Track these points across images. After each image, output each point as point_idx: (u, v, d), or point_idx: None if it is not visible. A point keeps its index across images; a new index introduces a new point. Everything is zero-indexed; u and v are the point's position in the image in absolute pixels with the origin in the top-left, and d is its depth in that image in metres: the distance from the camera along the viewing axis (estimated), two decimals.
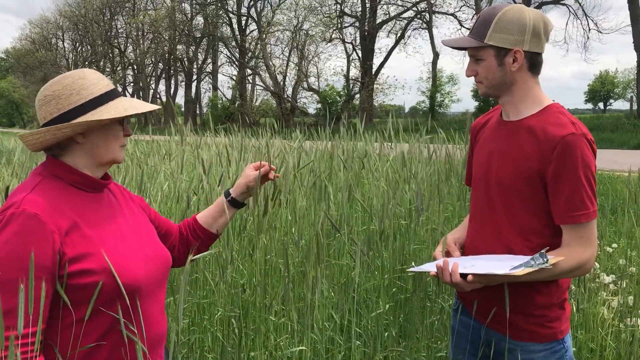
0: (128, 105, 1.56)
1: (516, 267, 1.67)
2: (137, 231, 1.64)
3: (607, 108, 65.44)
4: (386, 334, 2.96)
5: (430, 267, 1.88)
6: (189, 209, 2.67)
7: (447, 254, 2.00)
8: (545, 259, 1.67)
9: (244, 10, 41.31)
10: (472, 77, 1.91)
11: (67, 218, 1.45)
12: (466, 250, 2.03)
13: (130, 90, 59.10)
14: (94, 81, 1.54)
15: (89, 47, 64.22)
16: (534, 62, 1.86)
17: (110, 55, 60.60)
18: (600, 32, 32.02)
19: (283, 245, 2.08)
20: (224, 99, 44.13)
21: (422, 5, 35.73)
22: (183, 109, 46.41)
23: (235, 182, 2.03)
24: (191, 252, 1.85)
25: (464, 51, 1.97)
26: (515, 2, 28.13)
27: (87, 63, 64.65)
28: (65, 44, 70.04)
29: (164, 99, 52.22)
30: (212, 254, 2.48)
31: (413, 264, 1.96)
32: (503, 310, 1.86)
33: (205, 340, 2.71)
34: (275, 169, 2.05)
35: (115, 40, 58.39)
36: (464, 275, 1.75)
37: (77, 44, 67.32)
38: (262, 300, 2.50)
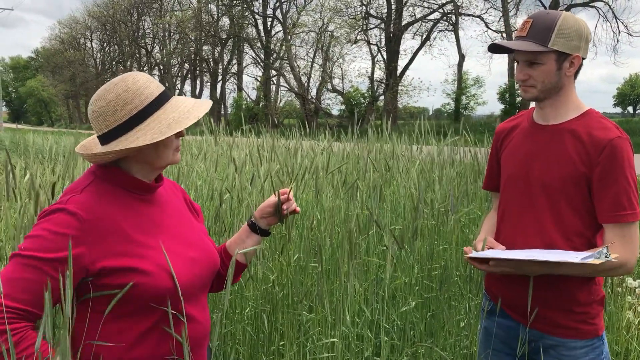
0: (172, 119, 1.54)
1: (585, 257, 1.72)
2: (185, 234, 1.66)
3: (637, 112, 64.42)
4: (412, 332, 3.03)
5: (491, 254, 1.90)
6: (221, 206, 2.76)
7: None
8: (608, 253, 1.72)
9: (269, 11, 41.59)
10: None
11: (111, 220, 1.49)
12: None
13: None
14: (137, 92, 1.52)
15: (116, 47, 65.18)
16: (580, 68, 1.93)
17: (137, 55, 61.42)
18: (631, 35, 31.59)
19: (317, 241, 2.15)
20: (248, 99, 44.41)
21: (449, 7, 35.57)
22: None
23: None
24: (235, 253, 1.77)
25: (498, 54, 2.02)
26: (544, 7, 27.52)
27: (114, 63, 65.64)
28: (93, 43, 71.21)
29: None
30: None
31: (472, 250, 1.97)
32: (545, 309, 1.92)
33: (237, 333, 2.81)
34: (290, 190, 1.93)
35: (142, 41, 59.16)
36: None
37: (105, 44, 68.37)
38: (293, 295, 2.57)
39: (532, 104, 2.07)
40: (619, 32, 32.02)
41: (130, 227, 1.52)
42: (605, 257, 1.70)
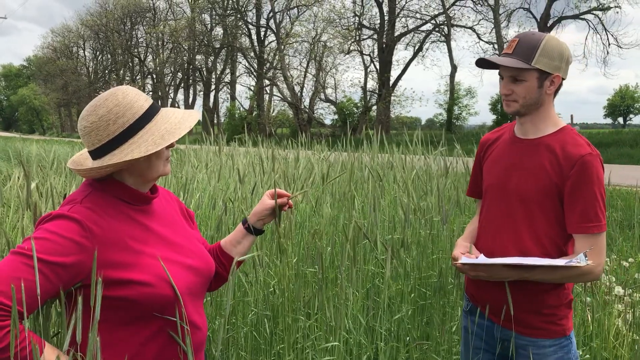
0: (164, 131, 1.57)
1: (568, 262, 1.88)
2: (182, 243, 1.70)
3: (627, 123, 64.89)
4: (407, 338, 3.11)
5: (480, 260, 2.03)
6: (226, 214, 2.84)
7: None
8: (586, 258, 1.87)
9: (263, 21, 41.71)
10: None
11: (112, 231, 1.52)
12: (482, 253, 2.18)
13: None
14: (128, 106, 1.55)
15: (109, 55, 65.07)
16: (559, 87, 2.07)
17: (130, 64, 61.41)
18: (620, 47, 31.87)
19: (317, 249, 2.23)
20: (241, 109, 44.47)
21: (441, 18, 35.86)
22: (201, 119, 46.74)
23: (253, 209, 2.04)
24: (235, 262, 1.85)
25: (485, 68, 2.15)
26: (535, 19, 27.45)
27: (107, 72, 65.55)
28: (86, 52, 71.12)
29: (182, 108, 52.57)
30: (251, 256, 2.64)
31: (463, 257, 2.09)
32: (516, 311, 2.06)
33: (239, 338, 2.88)
34: (291, 197, 2.03)
35: (136, 50, 59.19)
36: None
37: (98, 52, 68.24)
38: (293, 302, 2.65)
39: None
40: (609, 44, 32.33)
41: (129, 237, 1.55)
42: (585, 261, 1.85)
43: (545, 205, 2.01)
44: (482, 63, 2.11)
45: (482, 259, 2.05)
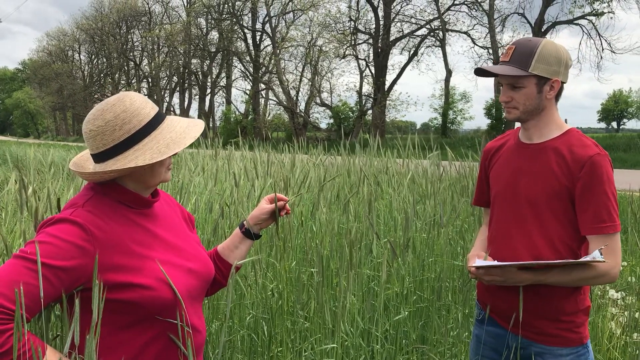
0: (169, 140, 1.58)
1: (582, 259, 1.87)
2: (183, 246, 1.71)
3: (621, 127, 65.15)
4: (404, 341, 3.13)
5: (493, 263, 2.01)
6: (222, 218, 2.85)
7: None
8: (601, 256, 1.85)
9: (258, 25, 41.81)
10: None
11: (113, 234, 1.53)
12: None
13: None
14: (135, 112, 1.56)
15: (104, 59, 65.02)
16: (561, 91, 2.07)
17: (126, 68, 61.37)
18: (614, 52, 32.00)
19: (318, 253, 2.25)
20: (237, 112, 44.49)
21: (436, 23, 36.00)
22: None
23: (251, 213, 2.05)
24: (233, 268, 1.85)
25: (483, 77, 2.16)
26: (530, 24, 27.53)
27: (102, 75, 65.50)
28: (81, 56, 71.04)
29: (177, 111, 52.74)
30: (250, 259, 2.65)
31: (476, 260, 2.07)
32: (532, 318, 2.03)
33: (235, 341, 2.89)
34: (288, 200, 2.05)
35: (131, 53, 59.18)
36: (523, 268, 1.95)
37: (93, 56, 68.15)
38: (292, 304, 2.67)
39: (518, 124, 2.19)
40: (603, 49, 32.46)
41: (131, 240, 1.56)
42: (601, 257, 1.83)
43: (555, 208, 1.99)
44: (480, 72, 2.11)
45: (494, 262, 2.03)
